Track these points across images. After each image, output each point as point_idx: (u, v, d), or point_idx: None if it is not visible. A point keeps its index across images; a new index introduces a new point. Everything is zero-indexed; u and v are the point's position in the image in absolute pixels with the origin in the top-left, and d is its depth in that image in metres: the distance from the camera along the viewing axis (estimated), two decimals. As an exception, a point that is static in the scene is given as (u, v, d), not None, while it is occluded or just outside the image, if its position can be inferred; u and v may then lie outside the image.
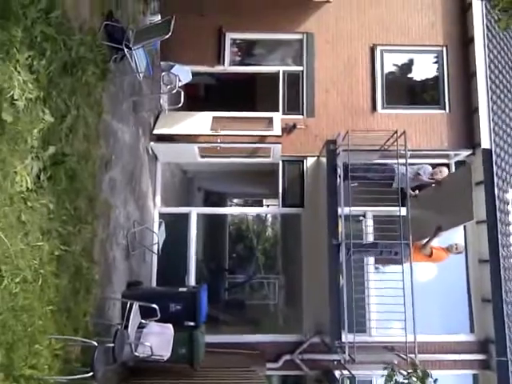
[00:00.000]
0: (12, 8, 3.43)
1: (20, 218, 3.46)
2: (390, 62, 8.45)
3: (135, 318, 4.80)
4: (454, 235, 7.61)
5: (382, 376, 6.19)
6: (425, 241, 6.71)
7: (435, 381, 5.66)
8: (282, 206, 8.04)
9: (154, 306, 4.94)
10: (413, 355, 6.13)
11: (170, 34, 5.04)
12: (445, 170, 7.12)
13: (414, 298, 6.20)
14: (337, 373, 7.02)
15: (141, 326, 4.98)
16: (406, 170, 6.68)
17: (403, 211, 6.58)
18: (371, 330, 7.37)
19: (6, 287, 3.27)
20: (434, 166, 7.30)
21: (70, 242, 4.22)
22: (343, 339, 6.27)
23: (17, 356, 3.36)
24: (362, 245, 6.85)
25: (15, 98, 3.43)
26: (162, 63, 7.13)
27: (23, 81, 3.55)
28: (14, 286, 3.36)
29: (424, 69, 8.66)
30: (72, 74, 4.26)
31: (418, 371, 5.75)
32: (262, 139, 7.69)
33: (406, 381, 5.81)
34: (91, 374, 3.79)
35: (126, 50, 5.04)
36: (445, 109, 8.14)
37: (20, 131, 3.51)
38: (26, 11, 3.59)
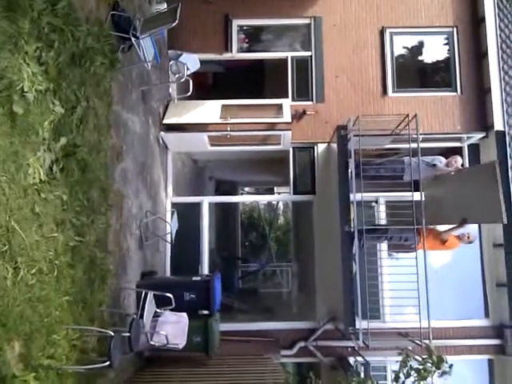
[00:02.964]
0: (19, 0, 3.41)
1: (34, 210, 3.48)
2: (400, 45, 8.33)
3: (150, 307, 4.84)
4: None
5: (397, 362, 6.17)
6: (447, 228, 6.64)
7: (450, 366, 5.62)
8: (294, 194, 8.00)
9: (169, 295, 4.97)
10: (427, 341, 6.11)
11: (176, 21, 4.99)
12: (459, 159, 7.01)
13: (428, 283, 6.16)
14: (351, 359, 7.03)
15: (156, 315, 5.02)
16: (419, 153, 6.58)
17: (416, 196, 6.51)
18: (385, 316, 7.36)
19: (23, 279, 3.29)
20: (446, 153, 7.20)
21: (84, 233, 4.24)
22: (357, 326, 6.27)
23: (35, 346, 3.40)
24: (372, 230, 6.79)
25: (25, 90, 3.43)
26: (169, 52, 7.09)
27: (32, 73, 3.54)
28: (30, 278, 3.39)
29: (434, 51, 8.53)
30: (80, 64, 4.24)
31: (433, 357, 5.72)
32: (271, 126, 7.64)
33: (420, 366, 5.78)
34: (108, 363, 3.81)
35: (133, 39, 5.01)
36: (456, 91, 8.02)
37: (31, 123, 3.51)
38: (33, 3, 3.57)
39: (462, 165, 7.10)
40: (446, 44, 8.30)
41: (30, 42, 3.53)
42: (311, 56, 8.11)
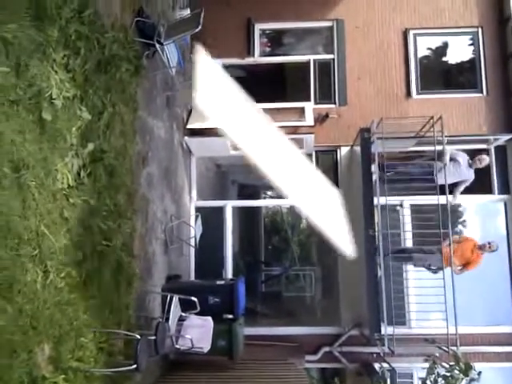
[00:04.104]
0: (47, 9, 3.48)
1: (63, 215, 3.54)
2: (424, 46, 8.24)
3: (175, 310, 4.87)
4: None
5: (423, 369, 6.08)
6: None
7: (479, 373, 5.51)
8: (317, 197, 7.94)
9: (194, 298, 4.99)
10: (454, 347, 5.99)
11: (199, 27, 5.03)
12: (485, 158, 6.88)
13: (455, 288, 6.05)
14: (376, 365, 6.93)
15: (181, 319, 5.04)
16: (444, 155, 6.49)
17: (442, 200, 6.40)
18: (411, 322, 7.24)
19: (52, 282, 3.35)
20: (472, 154, 7.08)
21: (111, 237, 4.29)
22: (382, 331, 6.19)
23: (64, 349, 3.45)
24: (396, 251, 6.71)
25: (53, 97, 3.49)
26: (192, 57, 7.14)
27: (60, 80, 3.61)
28: (59, 281, 3.44)
29: (459, 51, 8.40)
30: (106, 71, 4.31)
31: (461, 364, 5.61)
32: (294, 130, 7.61)
33: (448, 373, 5.68)
34: (134, 366, 3.84)
35: (157, 45, 5.07)
36: (482, 92, 7.88)
37: (59, 129, 3.58)
38: (61, 11, 3.64)
39: (489, 165, 6.97)
40: (470, 44, 8.17)
41: (57, 50, 3.59)
42: (333, 59, 8.08)
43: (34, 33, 3.35)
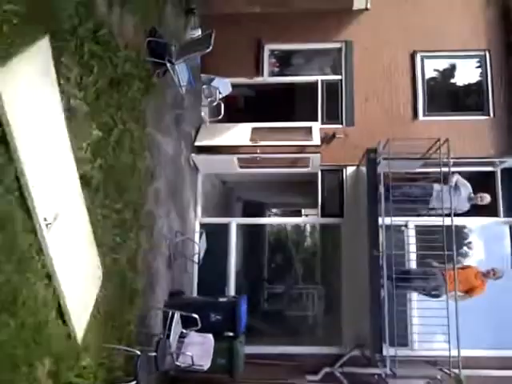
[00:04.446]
0: (63, 29, 3.58)
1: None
2: (431, 68, 8.30)
3: (177, 327, 4.87)
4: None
5: (425, 392, 6.03)
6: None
7: (481, 398, 5.46)
8: (321, 216, 7.98)
9: (195, 315, 5.01)
10: (457, 370, 5.93)
11: (210, 48, 5.13)
12: (487, 197, 6.88)
13: (461, 310, 6.01)
14: (378, 387, 6.87)
15: (182, 336, 5.05)
16: (450, 178, 6.52)
17: (447, 221, 6.40)
18: (413, 344, 7.18)
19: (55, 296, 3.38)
20: (478, 177, 7.09)
21: (116, 252, 4.34)
22: (384, 352, 6.14)
23: (64, 364, 3.45)
24: (400, 272, 6.71)
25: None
26: (202, 76, 7.26)
27: (73, 96, 3.70)
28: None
29: (466, 74, 8.45)
30: (118, 89, 4.41)
31: (463, 387, 5.57)
32: (301, 149, 7.68)
33: (450, 397, 5.63)
34: (134, 382, 3.85)
35: (168, 64, 5.17)
36: (489, 114, 7.91)
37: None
38: (76, 31, 3.74)
39: (488, 204, 6.97)
40: (478, 67, 8.23)
41: (71, 67, 3.69)
42: (341, 79, 8.16)
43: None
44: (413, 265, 7.23)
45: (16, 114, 2.88)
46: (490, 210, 7.50)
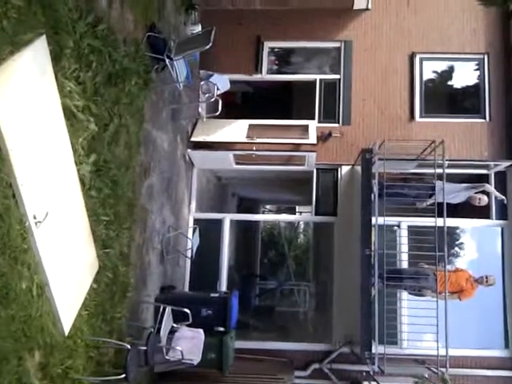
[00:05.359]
0: (63, 23, 3.59)
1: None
2: (430, 70, 8.32)
3: (167, 321, 4.90)
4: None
5: (412, 390, 6.11)
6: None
7: (465, 397, 5.54)
8: (315, 214, 8.01)
9: (186, 310, 5.04)
10: (444, 369, 6.02)
11: (210, 45, 5.13)
12: (486, 200, 6.95)
13: (448, 310, 6.09)
14: (365, 384, 6.96)
15: (172, 330, 5.08)
16: (444, 179, 6.57)
17: (439, 222, 6.46)
18: (402, 342, 7.26)
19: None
20: (472, 180, 7.14)
21: (109, 247, 4.37)
22: (373, 350, 6.21)
23: (54, 356, 3.49)
24: (392, 271, 6.78)
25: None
26: (200, 72, 7.24)
27: (71, 91, 3.71)
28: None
29: (464, 77, 8.49)
30: (116, 84, 4.40)
31: (448, 387, 5.65)
32: (296, 147, 7.70)
33: (435, 397, 5.71)
34: (124, 376, 3.89)
35: (167, 60, 5.17)
36: (485, 118, 7.95)
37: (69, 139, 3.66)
38: (76, 25, 3.75)
39: (486, 205, 7.05)
40: (476, 70, 8.25)
41: (70, 62, 3.70)
42: (340, 79, 8.17)
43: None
44: (404, 265, 7.30)
45: (6, 112, 2.88)
46: (482, 213, 7.57)
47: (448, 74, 8.60)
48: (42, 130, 3.31)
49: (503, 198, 7.15)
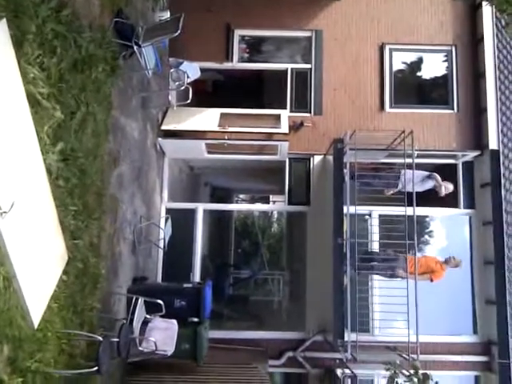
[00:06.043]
0: (24, 6, 3.45)
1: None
2: (399, 61, 8.43)
3: (140, 313, 4.86)
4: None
5: (384, 378, 6.21)
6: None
7: (436, 383, 5.67)
8: (288, 204, 8.05)
9: (159, 301, 5.00)
10: (415, 356, 6.15)
11: (178, 32, 5.05)
12: (450, 188, 7.10)
13: (418, 298, 6.22)
14: (339, 371, 7.04)
15: (145, 321, 5.04)
16: (413, 169, 6.68)
17: (409, 211, 6.58)
18: (374, 330, 7.40)
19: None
20: (440, 169, 7.29)
21: (78, 237, 4.27)
22: (346, 338, 6.31)
23: (23, 350, 3.40)
24: (364, 252, 6.88)
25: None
26: (170, 59, 7.13)
27: (34, 77, 3.58)
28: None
29: (433, 68, 8.63)
30: (82, 70, 4.28)
31: (419, 374, 5.76)
32: (269, 136, 7.70)
33: (407, 383, 5.82)
34: (96, 368, 3.83)
35: (135, 47, 5.06)
36: (453, 109, 8.10)
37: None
38: (38, 9, 3.61)
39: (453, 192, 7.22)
40: (444, 61, 8.39)
41: (33, 48, 3.57)
42: (311, 68, 8.19)
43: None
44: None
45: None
46: (450, 201, 7.75)
47: (417, 65, 8.73)
48: (4, 118, 3.18)
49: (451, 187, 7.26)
